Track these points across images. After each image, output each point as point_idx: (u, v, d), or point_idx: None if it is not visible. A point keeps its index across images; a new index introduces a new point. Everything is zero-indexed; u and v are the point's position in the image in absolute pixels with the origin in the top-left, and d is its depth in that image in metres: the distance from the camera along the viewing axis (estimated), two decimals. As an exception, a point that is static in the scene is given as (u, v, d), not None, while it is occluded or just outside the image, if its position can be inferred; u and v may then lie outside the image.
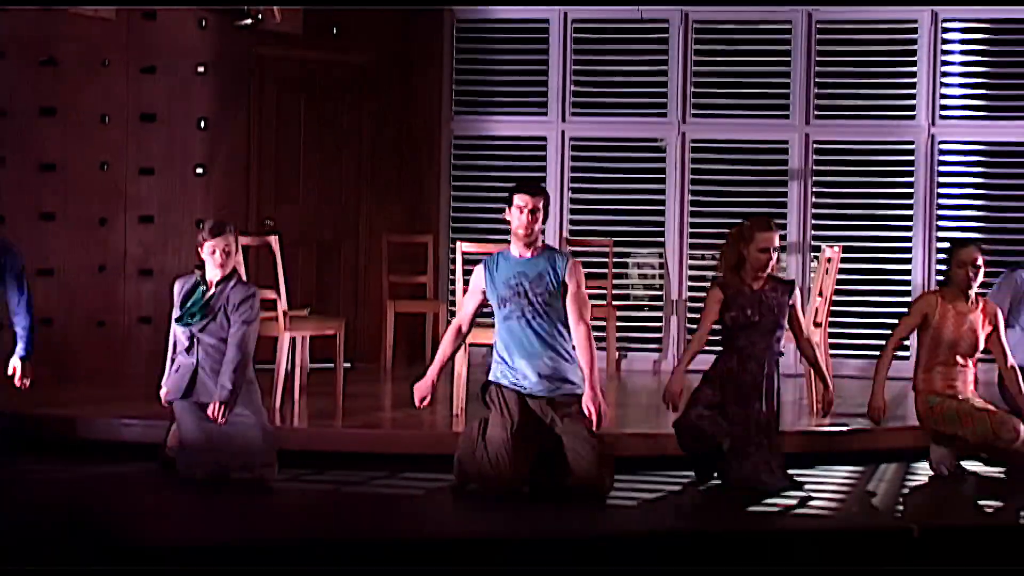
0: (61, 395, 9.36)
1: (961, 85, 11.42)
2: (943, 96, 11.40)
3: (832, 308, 9.77)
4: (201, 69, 10.78)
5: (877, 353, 8.20)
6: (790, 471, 7.66)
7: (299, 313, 9.41)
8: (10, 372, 7.84)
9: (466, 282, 7.92)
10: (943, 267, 8.10)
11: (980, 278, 8.00)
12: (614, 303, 11.33)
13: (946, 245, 11.20)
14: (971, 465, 8.05)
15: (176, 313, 7.65)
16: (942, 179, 11.39)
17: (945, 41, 11.38)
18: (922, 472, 8.04)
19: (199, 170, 10.81)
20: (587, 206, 11.79)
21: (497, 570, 6.09)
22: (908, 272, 11.32)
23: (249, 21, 10.80)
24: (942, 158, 11.39)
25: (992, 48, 11.37)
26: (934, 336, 7.97)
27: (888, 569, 6.35)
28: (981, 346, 8.01)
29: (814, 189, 11.51)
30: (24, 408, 8.56)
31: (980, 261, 7.99)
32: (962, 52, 11.40)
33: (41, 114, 10.14)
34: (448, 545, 6.30)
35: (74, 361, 10.15)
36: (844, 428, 8.53)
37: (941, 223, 11.32)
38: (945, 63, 11.39)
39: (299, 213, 11.45)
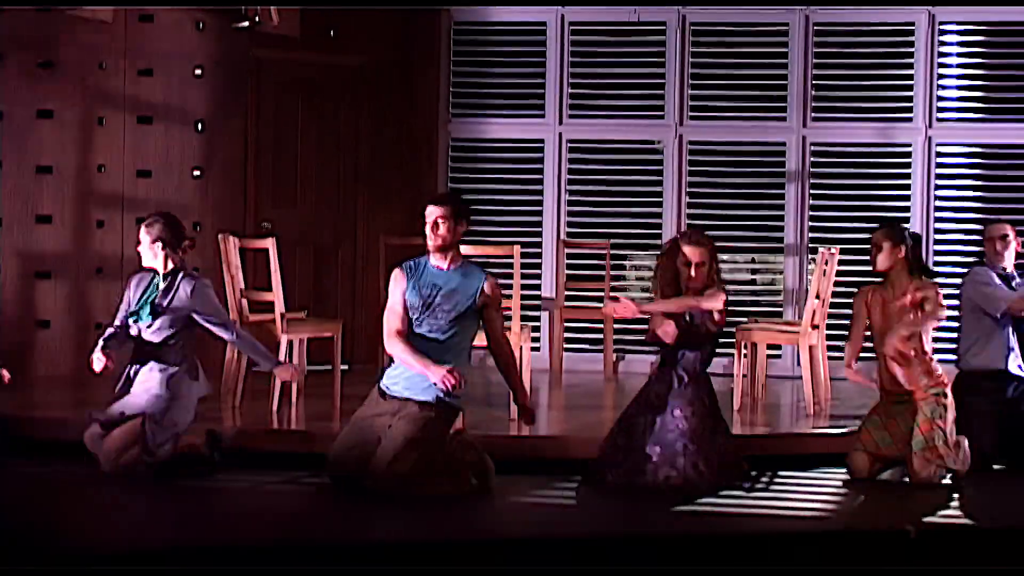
0: (58, 397, 9.36)
1: (958, 87, 11.43)
2: (940, 98, 11.41)
3: (830, 310, 9.77)
4: (198, 71, 10.78)
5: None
6: (787, 472, 7.64)
7: (297, 316, 9.40)
8: None
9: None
10: (941, 268, 8.00)
11: (887, 261, 7.78)
12: (612, 305, 11.32)
13: (944, 247, 11.30)
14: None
15: (133, 307, 7.68)
16: (939, 181, 11.40)
17: (942, 43, 11.39)
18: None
19: (196, 172, 10.81)
20: (584, 208, 11.80)
21: (495, 570, 6.10)
22: (905, 274, 11.31)
23: (246, 23, 10.80)
24: (939, 160, 11.40)
25: (989, 50, 11.38)
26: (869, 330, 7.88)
27: (886, 570, 6.35)
28: (926, 337, 7.74)
29: (811, 191, 11.52)
30: (20, 410, 8.56)
31: (883, 244, 7.78)
32: (959, 54, 11.41)
33: (39, 116, 10.15)
34: (447, 546, 6.30)
35: (72, 363, 10.15)
36: (842, 430, 8.52)
37: (938, 225, 11.32)
38: (942, 65, 11.40)
39: (297, 215, 11.46)
